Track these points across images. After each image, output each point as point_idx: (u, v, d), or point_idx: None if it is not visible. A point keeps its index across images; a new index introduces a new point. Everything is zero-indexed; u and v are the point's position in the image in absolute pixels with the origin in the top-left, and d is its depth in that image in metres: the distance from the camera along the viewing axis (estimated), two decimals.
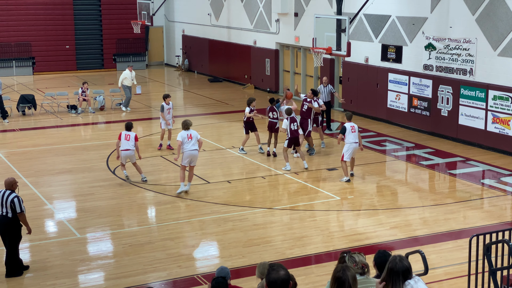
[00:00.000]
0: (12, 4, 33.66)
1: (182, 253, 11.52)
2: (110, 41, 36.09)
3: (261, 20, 28.99)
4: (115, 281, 10.45)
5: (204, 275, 10.59)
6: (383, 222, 13.01)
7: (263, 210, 13.75)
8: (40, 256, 11.44)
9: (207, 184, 15.56)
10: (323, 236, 12.32)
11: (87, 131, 22.28)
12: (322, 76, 25.19)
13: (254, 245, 11.84)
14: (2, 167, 17.08)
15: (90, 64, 35.91)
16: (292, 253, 11.48)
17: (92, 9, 35.71)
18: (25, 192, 15.00)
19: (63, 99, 25.61)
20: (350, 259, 6.48)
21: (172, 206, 14.00)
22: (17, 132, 21.43)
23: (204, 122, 22.35)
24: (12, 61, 34.00)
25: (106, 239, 12.37)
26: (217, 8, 32.63)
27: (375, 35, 22.47)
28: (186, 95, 29.47)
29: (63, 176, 16.32)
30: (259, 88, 29.44)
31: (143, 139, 20.29)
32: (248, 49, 30.10)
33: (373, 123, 22.24)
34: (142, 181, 15.54)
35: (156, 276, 10.62)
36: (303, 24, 26.04)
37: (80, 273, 10.84)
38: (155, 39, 38.43)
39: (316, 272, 10.71)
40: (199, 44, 34.52)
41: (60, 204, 14.38)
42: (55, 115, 23.92)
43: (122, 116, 23.82)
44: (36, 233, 12.55)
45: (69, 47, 35.16)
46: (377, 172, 16.62)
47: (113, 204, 14.21)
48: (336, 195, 14.72)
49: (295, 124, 16.31)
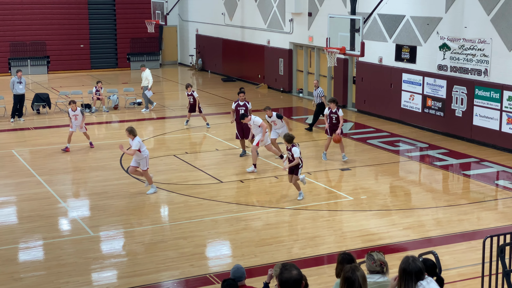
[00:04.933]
0: (28, 3, 33.88)
1: (194, 252, 11.54)
2: (124, 40, 36.23)
3: (275, 20, 28.97)
4: (128, 280, 10.49)
5: (217, 274, 10.60)
6: (396, 223, 12.96)
7: (276, 209, 13.74)
8: (53, 254, 11.51)
9: (220, 184, 15.57)
10: (336, 236, 12.29)
11: (100, 130, 22.38)
12: (335, 76, 25.17)
13: (266, 244, 11.84)
14: (17, 165, 17.20)
15: (104, 63, 36.06)
16: (305, 253, 11.46)
17: (107, 9, 35.86)
18: (39, 190, 15.11)
19: (78, 98, 25.72)
20: (369, 257, 6.46)
21: (184, 205, 14.03)
22: (32, 130, 21.57)
23: (217, 121, 22.36)
24: (27, 60, 34.22)
25: (119, 237, 12.42)
26: (231, 7, 32.65)
27: (389, 35, 22.39)
28: (199, 94, 29.42)
29: (77, 175, 16.40)
30: (273, 88, 29.42)
31: (157, 138, 20.36)
32: (262, 49, 30.10)
33: (386, 124, 22.16)
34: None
35: (168, 275, 10.64)
36: (317, 24, 25.99)
37: (93, 271, 10.89)
38: (169, 38, 38.53)
39: (328, 272, 10.68)
40: (212, 44, 34.56)
41: (73, 203, 14.46)
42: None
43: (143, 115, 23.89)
44: (49, 231, 12.64)
45: (83, 46, 35.34)
46: (390, 173, 16.55)
47: (126, 202, 14.26)
48: (349, 195, 14.69)
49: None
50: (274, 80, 29.30)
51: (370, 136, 20.48)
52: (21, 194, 14.87)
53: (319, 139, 20.05)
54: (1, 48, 33.73)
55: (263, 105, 25.33)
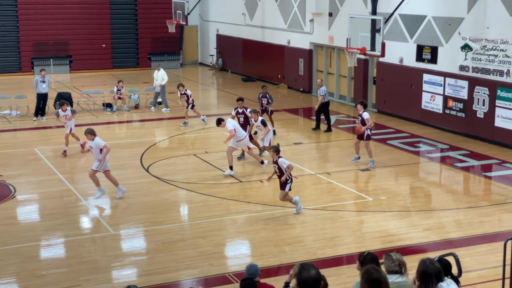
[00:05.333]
0: (51, 3, 34.21)
1: (213, 251, 11.59)
2: (145, 40, 36.44)
3: (295, 20, 28.96)
4: (147, 278, 10.57)
5: (236, 273, 10.63)
6: (416, 224, 12.90)
7: (295, 209, 13.73)
8: (75, 252, 11.63)
9: (239, 183, 15.61)
10: (355, 237, 12.27)
11: (121, 129, 22.55)
12: (355, 76, 25.10)
13: (285, 244, 11.85)
14: (39, 163, 17.39)
15: (125, 63, 36.30)
16: (324, 253, 11.46)
17: (128, 9, 36.10)
18: (61, 188, 15.27)
19: (99, 97, 25.95)
20: (387, 258, 6.45)
21: (204, 205, 14.09)
22: (54, 129, 21.78)
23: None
24: (50, 60, 34.55)
25: (139, 236, 12.51)
26: (251, 7, 32.70)
27: (410, 36, 22.28)
28: (219, 94, 29.61)
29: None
30: (292, 88, 29.42)
31: (177, 137, 20.44)
32: (282, 49, 30.10)
33: (406, 124, 22.05)
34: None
35: (188, 273, 10.70)
36: (337, 24, 25.94)
37: (113, 269, 10.99)
38: (189, 38, 38.67)
39: (347, 273, 10.67)
40: (233, 44, 34.64)
41: (94, 201, 14.57)
42: (91, 113, 24.25)
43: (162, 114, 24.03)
44: (71, 229, 12.77)
45: (105, 46, 35.60)
46: (411, 174, 16.48)
47: (147, 201, 14.36)
48: (369, 196, 14.65)
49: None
50: (294, 80, 29.29)
51: (390, 136, 20.40)
52: (43, 192, 15.04)
53: (340, 139, 20.01)
54: (25, 47, 34.10)
55: (283, 106, 25.47)
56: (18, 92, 26.61)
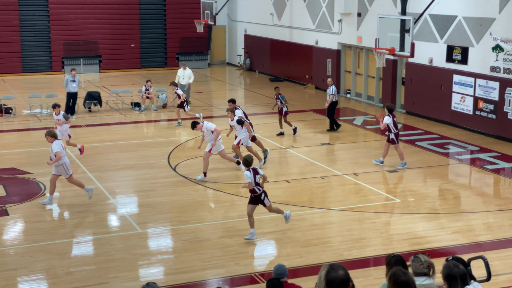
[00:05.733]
0: (82, 3, 34.58)
1: (240, 251, 11.59)
2: (173, 40, 36.63)
3: (324, 20, 28.86)
4: (174, 276, 10.61)
5: (262, 273, 10.63)
6: (445, 226, 12.76)
7: (322, 210, 13.69)
8: (102, 249, 11.73)
9: (266, 183, 15.58)
10: (382, 239, 12.18)
11: (149, 128, 22.69)
12: (384, 77, 24.92)
13: (311, 245, 11.81)
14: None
15: (154, 62, 36.54)
16: (350, 255, 11.40)
17: (157, 9, 36.33)
18: (89, 186, 15.39)
19: (127, 96, 26.16)
20: (415, 260, 6.40)
21: (230, 204, 14.10)
22: (83, 128, 22.00)
23: (264, 121, 22.40)
24: (80, 59, 34.93)
25: (166, 234, 12.57)
26: (279, 8, 32.67)
27: (440, 36, 22.05)
28: (247, 94, 29.64)
29: (126, 172, 16.67)
30: (320, 89, 29.32)
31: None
32: (310, 49, 30.03)
33: (436, 126, 21.84)
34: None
35: (214, 273, 10.73)
36: (366, 24, 25.79)
37: (140, 267, 11.06)
38: (217, 38, 38.77)
39: (374, 274, 10.60)
40: (261, 44, 34.65)
41: (122, 199, 14.70)
42: (119, 112, 24.45)
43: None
44: (99, 227, 12.89)
45: (134, 45, 35.87)
46: (440, 176, 16.31)
47: (174, 200, 14.43)
48: (396, 197, 14.53)
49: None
50: (322, 81, 29.19)
51: (419, 138, 20.22)
52: (72, 190, 15.18)
53: (368, 140, 19.91)
54: (55, 47, 34.52)
55: (310, 106, 25.41)
56: (48, 91, 26.95)
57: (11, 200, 14.33)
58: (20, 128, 22.01)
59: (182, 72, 25.11)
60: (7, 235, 12.59)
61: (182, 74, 25.06)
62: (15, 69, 33.96)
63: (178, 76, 25.14)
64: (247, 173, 11.78)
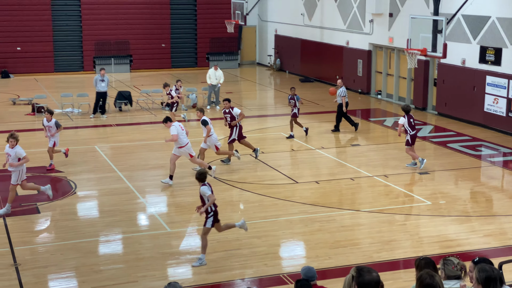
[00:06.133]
0: (113, 3, 34.90)
1: (268, 251, 11.57)
2: (204, 40, 36.76)
3: (355, 21, 28.69)
4: (202, 276, 10.63)
5: (290, 274, 10.58)
6: (476, 230, 12.58)
7: (351, 212, 13.60)
8: (132, 248, 11.79)
9: (295, 184, 15.55)
10: (412, 241, 12.05)
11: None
12: (415, 77, 24.68)
13: (341, 246, 11.73)
14: (99, 160, 17.74)
15: (184, 62, 36.71)
16: (380, 257, 11.29)
17: (188, 9, 36.49)
18: (119, 185, 15.53)
19: (158, 96, 26.31)
20: (448, 262, 6.31)
21: (259, 205, 14.09)
22: (114, 127, 22.18)
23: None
24: (111, 59, 35.25)
25: (194, 234, 12.59)
26: (310, 8, 32.57)
27: (473, 37, 21.74)
28: (277, 94, 29.59)
29: (156, 171, 16.75)
30: (351, 89, 29.13)
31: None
32: (341, 50, 29.87)
33: (468, 127, 21.55)
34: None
35: (242, 273, 10.71)
36: (397, 25, 25.57)
37: (169, 266, 11.09)
38: (248, 38, 38.80)
39: (404, 277, 10.49)
40: (291, 44, 34.58)
41: (152, 198, 14.78)
42: (150, 112, 24.60)
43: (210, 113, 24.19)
44: (128, 226, 12.97)
45: (164, 45, 36.08)
46: (471, 178, 16.08)
47: None
48: (427, 199, 14.36)
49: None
50: (352, 81, 29.02)
51: (450, 140, 19.97)
52: (102, 188, 15.32)
53: (399, 141, 19.71)
54: (87, 47, 34.89)
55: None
56: (80, 90, 27.24)
57: (42, 198, 14.50)
58: None
59: (213, 73, 25.17)
60: (38, 233, 12.75)
61: (213, 75, 25.11)
62: (47, 69, 34.41)
63: (209, 76, 25.21)
64: (205, 188, 10.76)
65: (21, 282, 10.34)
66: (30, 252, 11.60)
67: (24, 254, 11.45)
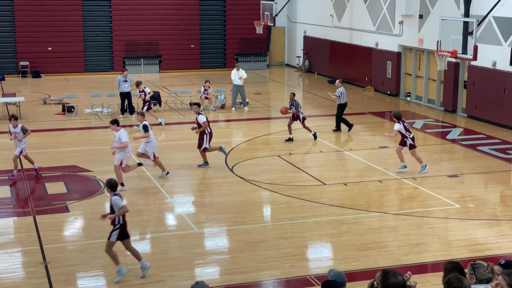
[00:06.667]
0: (143, 4, 35.18)
1: (295, 253, 11.56)
2: (233, 41, 36.85)
3: (384, 22, 28.52)
4: (229, 277, 10.66)
5: (317, 276, 10.57)
6: (506, 233, 12.42)
7: (379, 214, 13.53)
8: (160, 248, 11.88)
9: (323, 186, 15.52)
10: (441, 244, 11.94)
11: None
12: (445, 79, 24.45)
13: (368, 249, 11.68)
14: (129, 160, 17.85)
15: (213, 63, 36.84)
16: (408, 260, 11.22)
17: (217, 10, 36.61)
18: (148, 185, 15.65)
19: (186, 96, 26.45)
20: (478, 266, 6.27)
21: (287, 206, 14.08)
22: None
23: (323, 123, 22.28)
24: (141, 59, 35.53)
25: (222, 235, 12.64)
26: (339, 9, 32.46)
27: (505, 39, 21.47)
28: (305, 96, 29.55)
29: (184, 171, 16.84)
30: (379, 91, 28.99)
31: (262, 138, 20.53)
32: (370, 51, 29.72)
33: (499, 130, 21.27)
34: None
35: (269, 274, 10.72)
36: (427, 26, 25.35)
37: (196, 266, 11.15)
38: (276, 39, 38.81)
39: (432, 281, 10.41)
40: (320, 45, 34.50)
41: (180, 199, 14.87)
42: (178, 112, 24.74)
43: (241, 114, 24.24)
44: (156, 225, 13.08)
45: (194, 46, 36.26)
46: (501, 181, 15.88)
47: (230, 201, 14.50)
48: (456, 202, 14.22)
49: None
50: (381, 83, 28.85)
51: (480, 142, 19.73)
52: (131, 188, 15.45)
53: (428, 144, 19.56)
54: (117, 47, 35.22)
55: (369, 109, 25.13)
56: (109, 90, 27.50)
57: (72, 197, 14.68)
58: (82, 126, 22.53)
59: (236, 73, 25.17)
60: (68, 232, 12.92)
61: (235, 75, 25.08)
62: (77, 69, 34.81)
63: (232, 77, 25.20)
64: (117, 198, 10.39)
65: (50, 280, 10.48)
66: (59, 250, 11.76)
67: (54, 252, 11.61)
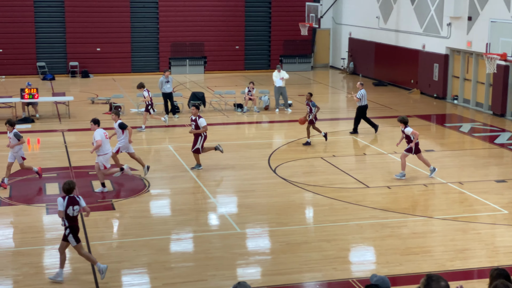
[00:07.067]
0: (189, 6, 35.49)
1: (338, 255, 11.48)
2: (277, 42, 36.86)
3: (432, 24, 28.12)
4: (271, 277, 10.65)
5: (359, 279, 10.47)
6: None
7: (423, 218, 13.33)
8: (202, 247, 11.94)
9: (367, 189, 15.38)
10: (488, 251, 11.70)
11: (251, 129, 22.92)
12: (494, 83, 23.96)
13: (412, 253, 11.52)
14: (171, 160, 18.05)
15: (257, 64, 36.90)
16: (453, 265, 11.02)
17: (262, 11, 36.67)
18: (191, 185, 15.76)
19: (230, 97, 26.56)
20: None
21: (329, 208, 14.00)
22: (187, 127, 22.50)
23: (366, 126, 22.07)
24: (186, 60, 35.84)
25: (264, 235, 12.64)
26: (386, 11, 32.14)
27: None
28: (350, 98, 29.35)
29: (227, 172, 16.91)
30: (426, 94, 28.60)
31: (302, 141, 20.46)
32: (416, 53, 29.34)
33: None
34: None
35: (311, 276, 10.67)
36: (476, 29, 24.90)
37: (238, 266, 11.17)
38: (321, 41, 38.66)
39: (477, 287, 10.20)
40: (365, 47, 34.22)
41: (222, 199, 14.92)
42: (222, 113, 24.85)
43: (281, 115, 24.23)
44: (199, 225, 13.15)
45: (238, 47, 36.39)
46: None
47: (273, 202, 14.48)
48: (504, 208, 13.91)
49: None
50: (428, 86, 28.45)
51: None
52: (174, 187, 15.59)
53: (475, 147, 19.22)
54: (163, 48, 35.60)
55: (414, 111, 24.80)
56: (156, 91, 27.72)
57: (117, 195, 14.88)
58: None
59: (277, 75, 25.09)
60: (113, 229, 13.11)
61: (277, 77, 25.00)
62: (124, 69, 35.31)
63: (275, 78, 25.13)
64: (60, 200, 10.35)
65: (96, 276, 10.64)
66: (104, 247, 11.93)
67: (99, 249, 11.78)
